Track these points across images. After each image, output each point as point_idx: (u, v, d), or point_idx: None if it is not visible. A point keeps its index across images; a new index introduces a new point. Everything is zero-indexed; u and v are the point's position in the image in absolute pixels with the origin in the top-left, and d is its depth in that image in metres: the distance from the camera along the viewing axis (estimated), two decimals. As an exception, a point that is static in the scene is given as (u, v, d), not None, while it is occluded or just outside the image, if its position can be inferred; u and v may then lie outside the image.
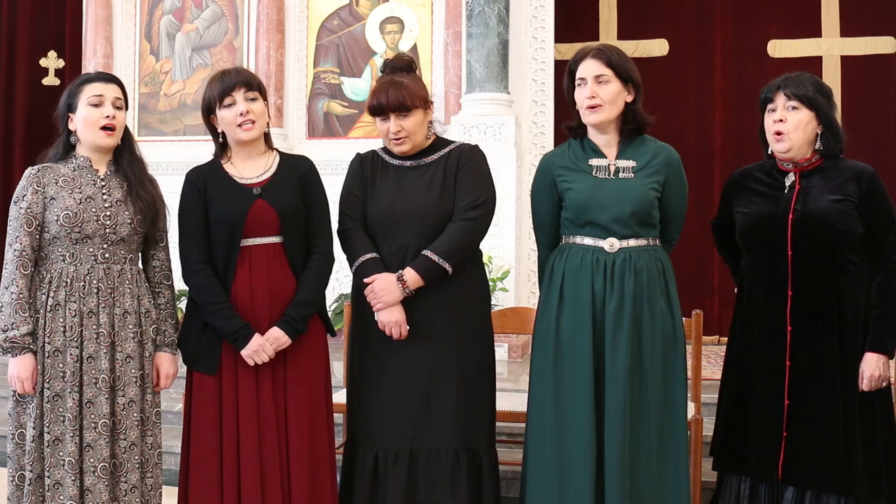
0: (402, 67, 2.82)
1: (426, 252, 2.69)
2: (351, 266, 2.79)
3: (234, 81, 2.72)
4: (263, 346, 2.66)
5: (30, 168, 2.65)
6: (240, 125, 2.72)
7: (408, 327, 2.70)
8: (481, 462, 2.75)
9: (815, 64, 6.51)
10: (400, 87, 2.73)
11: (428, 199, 2.74)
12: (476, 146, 2.86)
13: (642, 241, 2.68)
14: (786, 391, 2.70)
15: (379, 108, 2.75)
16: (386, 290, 2.68)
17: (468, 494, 2.70)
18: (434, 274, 2.69)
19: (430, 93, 2.87)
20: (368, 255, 2.74)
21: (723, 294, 6.44)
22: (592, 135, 2.75)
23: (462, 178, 2.76)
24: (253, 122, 2.73)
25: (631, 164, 2.69)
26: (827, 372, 2.67)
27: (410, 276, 2.68)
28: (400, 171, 2.81)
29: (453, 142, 2.87)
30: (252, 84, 2.75)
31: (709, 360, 5.03)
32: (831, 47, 6.62)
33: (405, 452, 2.71)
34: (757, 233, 2.77)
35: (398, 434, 2.71)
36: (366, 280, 2.72)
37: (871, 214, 2.68)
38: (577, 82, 2.73)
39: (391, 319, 2.69)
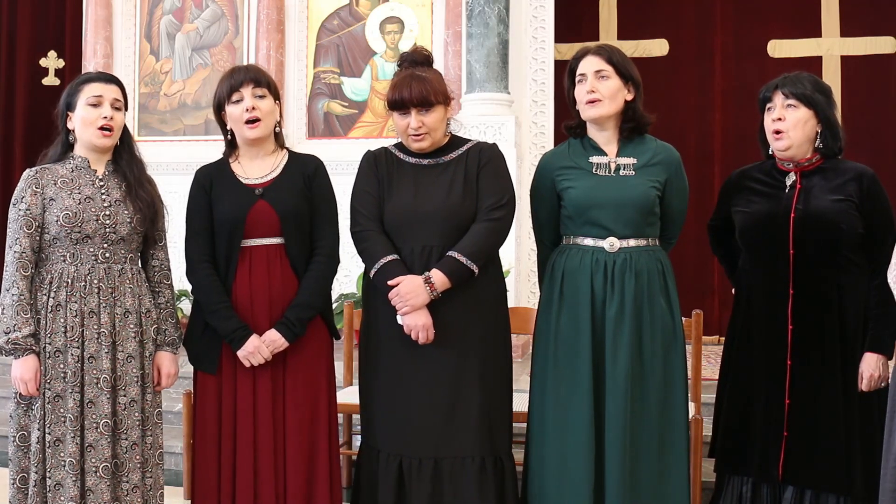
0: (422, 62, 2.72)
1: (453, 253, 2.60)
2: (369, 268, 2.67)
3: (242, 78, 2.71)
4: (259, 347, 2.65)
5: (28, 170, 2.65)
6: (245, 122, 2.69)
7: (434, 331, 2.62)
8: (503, 468, 2.68)
9: (815, 64, 6.50)
10: (422, 82, 2.64)
11: (450, 200, 2.65)
12: (494, 144, 2.77)
13: (642, 241, 2.68)
14: (787, 390, 2.71)
15: (400, 103, 2.65)
16: (413, 292, 2.58)
17: (495, 502, 2.63)
18: (461, 276, 2.59)
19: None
20: (390, 257, 2.64)
21: (723, 294, 6.43)
22: (592, 132, 2.75)
23: (484, 177, 2.67)
24: (258, 120, 2.69)
25: (631, 161, 2.69)
26: (828, 371, 2.68)
27: (438, 278, 2.58)
28: (417, 169, 2.72)
29: (469, 139, 2.78)
30: (261, 81, 2.72)
31: (709, 360, 5.02)
32: (831, 47, 6.61)
33: (429, 460, 2.63)
34: (758, 232, 2.77)
35: (422, 441, 2.63)
36: (391, 283, 2.61)
37: (872, 215, 2.68)
38: (577, 79, 2.73)
39: (418, 323, 2.59)
